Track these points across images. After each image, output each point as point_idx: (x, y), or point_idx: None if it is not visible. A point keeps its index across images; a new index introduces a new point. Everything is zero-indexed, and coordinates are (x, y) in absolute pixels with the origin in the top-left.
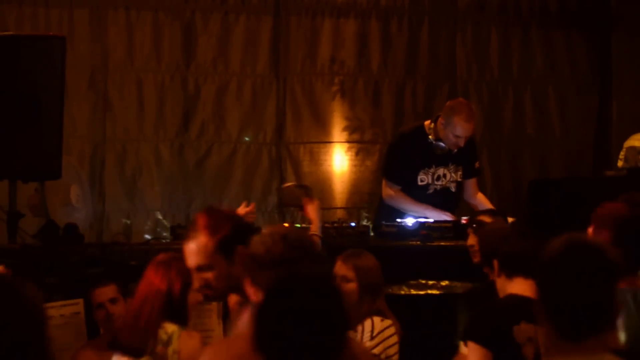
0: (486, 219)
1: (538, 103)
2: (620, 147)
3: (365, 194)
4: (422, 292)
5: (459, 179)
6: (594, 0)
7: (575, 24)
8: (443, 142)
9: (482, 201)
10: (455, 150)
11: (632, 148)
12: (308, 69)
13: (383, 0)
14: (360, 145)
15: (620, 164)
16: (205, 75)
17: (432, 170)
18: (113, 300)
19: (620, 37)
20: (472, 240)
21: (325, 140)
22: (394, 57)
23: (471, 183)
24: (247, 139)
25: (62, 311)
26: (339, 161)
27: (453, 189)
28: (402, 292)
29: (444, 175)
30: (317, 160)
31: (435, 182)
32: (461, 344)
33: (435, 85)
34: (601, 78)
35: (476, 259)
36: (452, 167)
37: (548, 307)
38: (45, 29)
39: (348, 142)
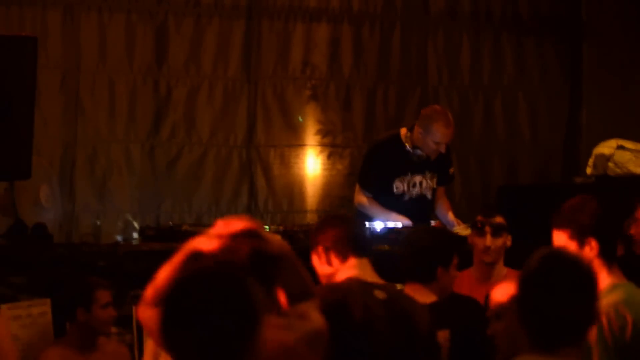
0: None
1: (508, 109)
2: (590, 154)
3: (336, 198)
4: None
5: (435, 186)
6: (565, 7)
7: (546, 31)
8: (421, 150)
9: (443, 208)
10: (434, 157)
11: (601, 155)
12: (280, 72)
13: (355, 5)
14: (331, 148)
15: (589, 170)
16: (177, 77)
17: (407, 178)
18: (107, 305)
19: (591, 44)
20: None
21: (296, 144)
22: (365, 61)
23: (440, 189)
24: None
25: (29, 311)
26: (310, 164)
27: (429, 196)
28: None
29: (420, 183)
30: (287, 163)
31: (411, 190)
32: None
33: (407, 90)
34: (571, 85)
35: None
36: (428, 174)
37: (524, 317)
38: (18, 29)
39: (319, 145)
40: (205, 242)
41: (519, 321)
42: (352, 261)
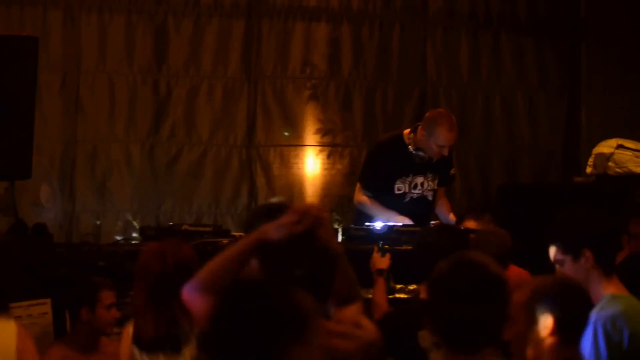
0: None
1: (507, 108)
2: (589, 153)
3: (336, 197)
4: (389, 296)
5: (436, 187)
6: (563, 6)
7: (545, 30)
8: (424, 152)
9: (443, 208)
10: (436, 159)
11: (601, 154)
12: (279, 72)
13: (355, 5)
14: (331, 148)
15: (588, 170)
16: (176, 77)
17: (409, 179)
18: (111, 305)
19: (590, 44)
20: None
21: (296, 144)
22: (365, 61)
23: (440, 189)
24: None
25: (29, 311)
26: (310, 164)
27: (430, 197)
28: (370, 296)
29: (422, 184)
30: (287, 163)
31: (412, 191)
32: None
33: (406, 89)
34: (570, 84)
35: None
36: (430, 175)
37: (433, 322)
38: (19, 29)
39: (319, 145)
40: (275, 231)
41: (430, 326)
42: None
